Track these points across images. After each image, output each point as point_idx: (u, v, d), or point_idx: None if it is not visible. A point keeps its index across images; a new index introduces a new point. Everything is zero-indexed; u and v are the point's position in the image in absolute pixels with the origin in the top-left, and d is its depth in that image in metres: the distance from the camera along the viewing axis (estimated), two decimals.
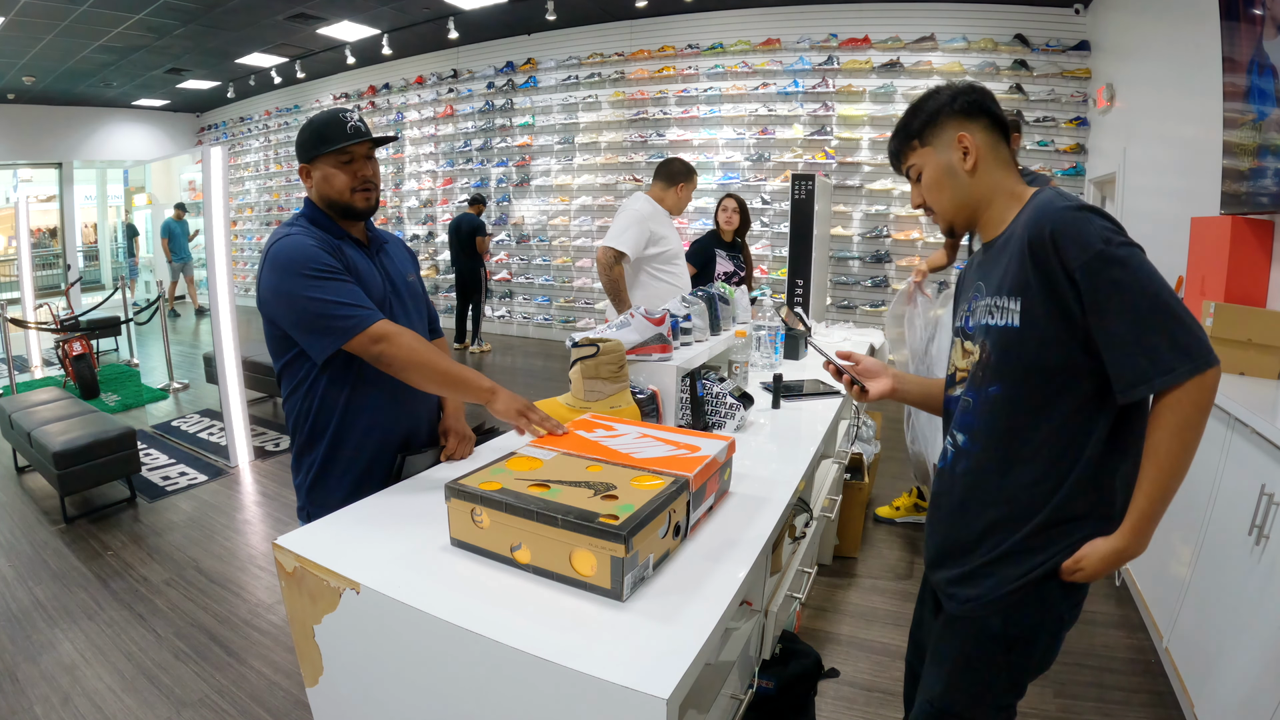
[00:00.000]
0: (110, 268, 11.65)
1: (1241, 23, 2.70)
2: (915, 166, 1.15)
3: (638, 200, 2.95)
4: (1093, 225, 0.94)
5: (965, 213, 1.13)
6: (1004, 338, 1.03)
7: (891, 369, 1.33)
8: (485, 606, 0.92)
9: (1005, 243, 1.07)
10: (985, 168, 1.10)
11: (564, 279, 7.98)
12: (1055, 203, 0.99)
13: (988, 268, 1.11)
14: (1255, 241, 2.57)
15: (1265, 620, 1.55)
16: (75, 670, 2.08)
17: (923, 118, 1.13)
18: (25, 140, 10.61)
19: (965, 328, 1.16)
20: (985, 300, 1.09)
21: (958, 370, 1.17)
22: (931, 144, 1.12)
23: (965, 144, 1.09)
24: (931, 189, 1.14)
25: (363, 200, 1.43)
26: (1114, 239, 0.94)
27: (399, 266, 1.55)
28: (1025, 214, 1.04)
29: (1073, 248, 0.94)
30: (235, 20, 6.95)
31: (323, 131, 1.39)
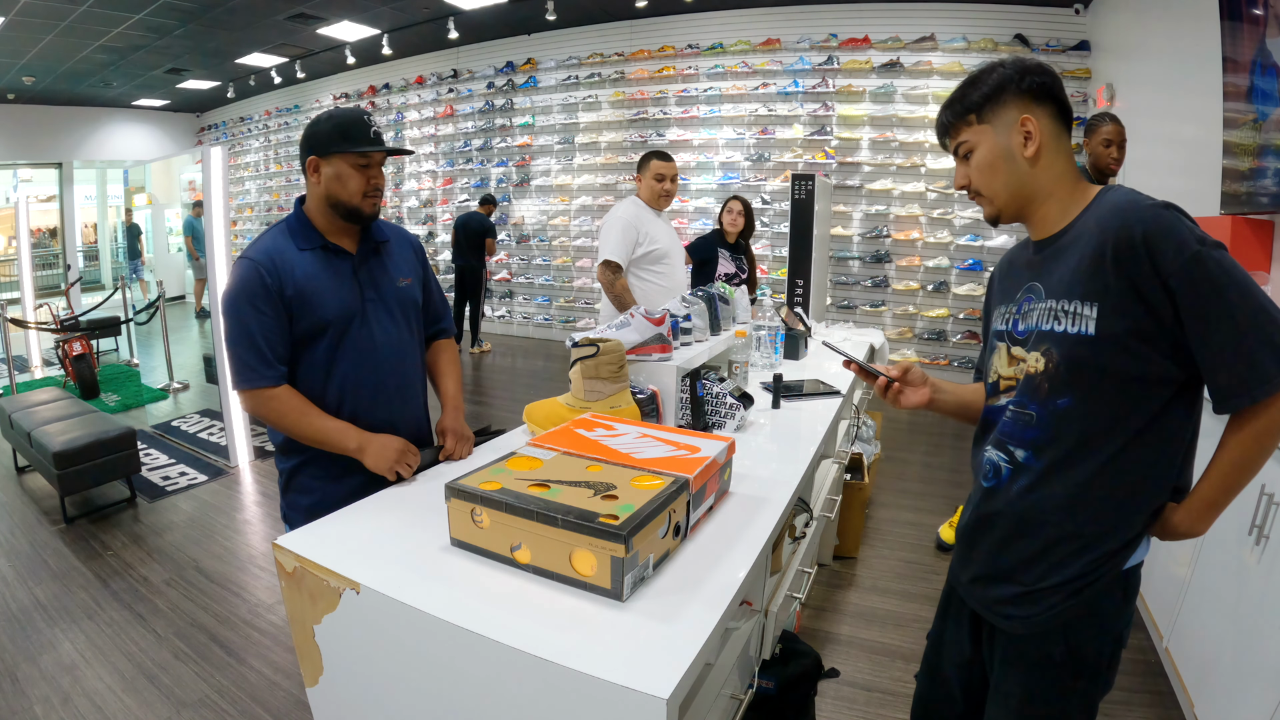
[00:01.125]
0: (110, 268, 11.64)
1: (1243, 23, 2.69)
2: (967, 144, 1.05)
3: (621, 204, 2.92)
4: (1183, 225, 0.89)
5: (1017, 203, 1.04)
6: (1076, 347, 0.95)
7: (931, 379, 1.24)
8: (485, 606, 0.92)
9: (1071, 243, 0.98)
10: (1048, 158, 1.01)
11: (564, 279, 7.98)
12: (1140, 201, 0.92)
13: (1042, 269, 1.03)
14: (1255, 241, 2.58)
15: (1265, 620, 1.55)
16: (75, 670, 2.08)
17: (984, 91, 1.02)
18: (25, 140, 10.61)
19: (1014, 332, 1.06)
20: (1044, 304, 1.00)
21: (1002, 378, 1.09)
22: (990, 122, 1.02)
23: (1029, 128, 1.00)
24: (984, 171, 1.04)
25: (370, 206, 1.43)
26: (1206, 239, 0.88)
27: (393, 272, 1.52)
28: (1099, 212, 0.96)
29: (1168, 250, 0.88)
30: (235, 20, 6.95)
31: (346, 129, 1.38)
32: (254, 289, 1.35)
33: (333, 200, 1.41)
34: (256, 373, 1.36)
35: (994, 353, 1.12)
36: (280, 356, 1.38)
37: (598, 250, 2.90)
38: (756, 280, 4.00)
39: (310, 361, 1.42)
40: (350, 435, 1.39)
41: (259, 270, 1.36)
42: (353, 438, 1.39)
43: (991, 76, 1.02)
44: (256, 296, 1.35)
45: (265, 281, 1.36)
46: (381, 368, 1.48)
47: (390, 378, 1.50)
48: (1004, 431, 1.07)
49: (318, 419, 1.39)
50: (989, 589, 1.11)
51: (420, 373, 1.62)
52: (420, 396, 1.62)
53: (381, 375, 1.48)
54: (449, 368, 1.70)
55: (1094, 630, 1.02)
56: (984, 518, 1.12)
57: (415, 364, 1.58)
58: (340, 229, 1.46)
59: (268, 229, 1.48)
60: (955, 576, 1.22)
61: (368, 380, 1.46)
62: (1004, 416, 1.07)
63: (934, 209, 6.06)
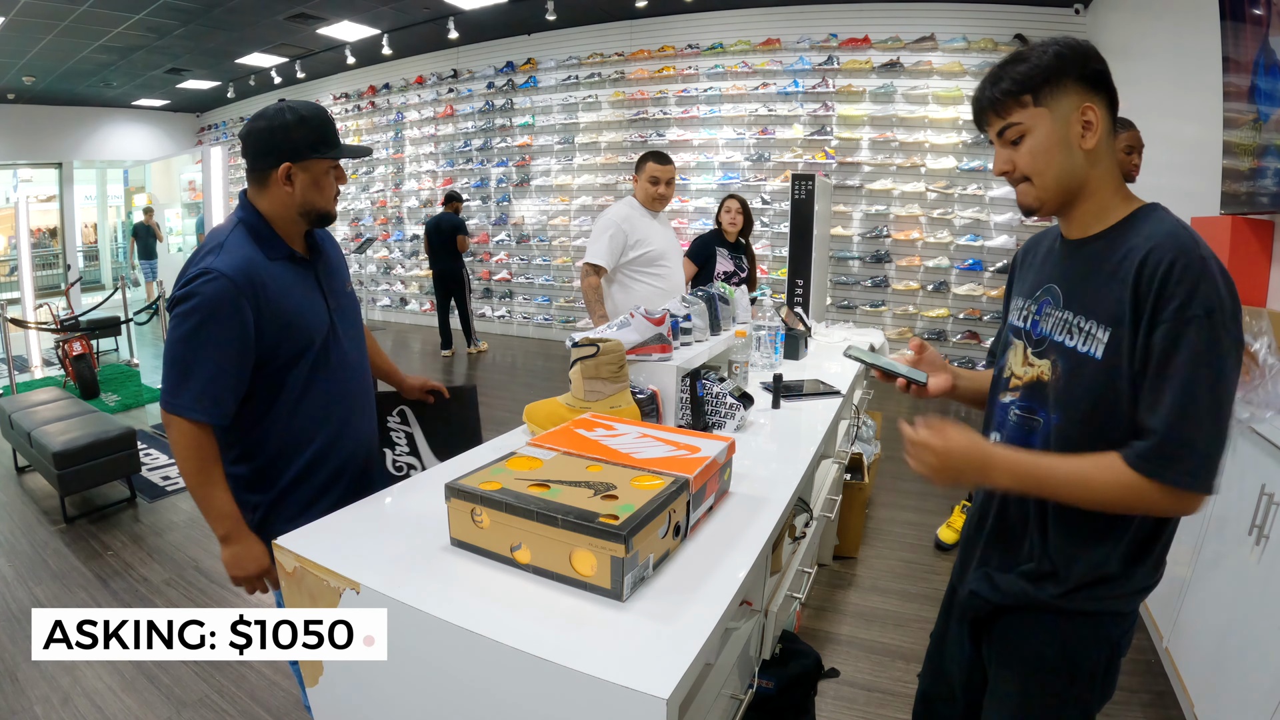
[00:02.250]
0: (110, 268, 11.65)
1: (1244, 23, 2.69)
2: (1020, 127, 0.95)
3: (616, 206, 2.90)
4: (1215, 285, 0.84)
5: (1066, 195, 0.97)
6: (1081, 366, 0.94)
7: (950, 365, 1.21)
8: (485, 606, 0.92)
9: (1100, 254, 0.94)
10: (1102, 151, 0.95)
11: (564, 279, 7.98)
12: (1183, 237, 0.87)
13: (1065, 272, 1.00)
14: (1255, 241, 2.57)
15: (1265, 620, 1.55)
16: (75, 670, 2.08)
17: (1043, 72, 0.93)
18: (25, 140, 10.61)
19: (1031, 332, 1.03)
20: (1060, 313, 0.98)
21: (1014, 376, 1.07)
22: (1048, 105, 0.93)
23: (1090, 117, 0.93)
24: (1039, 157, 0.95)
25: (335, 206, 1.38)
26: (1218, 310, 0.84)
27: (338, 277, 1.48)
28: (1144, 230, 0.91)
29: (1179, 296, 0.84)
30: (235, 20, 6.95)
31: (321, 132, 1.28)
32: (227, 315, 1.21)
33: (308, 207, 1.31)
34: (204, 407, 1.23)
35: (1010, 348, 1.09)
36: (226, 398, 1.25)
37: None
38: (756, 279, 3.99)
39: (290, 384, 1.32)
40: (226, 521, 1.28)
41: (238, 292, 1.21)
42: (227, 524, 1.28)
43: (1046, 55, 0.93)
44: (228, 324, 1.22)
45: (242, 311, 1.22)
46: (352, 380, 1.46)
47: (361, 389, 1.48)
48: (1009, 434, 1.07)
49: (217, 488, 1.27)
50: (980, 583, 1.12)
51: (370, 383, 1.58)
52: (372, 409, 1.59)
53: (354, 387, 1.46)
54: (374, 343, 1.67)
55: (1089, 637, 1.01)
56: (983, 515, 1.13)
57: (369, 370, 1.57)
58: (298, 234, 1.36)
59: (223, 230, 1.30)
60: (957, 576, 1.23)
61: (345, 394, 1.43)
62: (1009, 417, 1.07)
63: (934, 209, 6.06)
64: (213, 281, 1.20)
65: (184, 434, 1.24)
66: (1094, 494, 0.91)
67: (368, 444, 1.54)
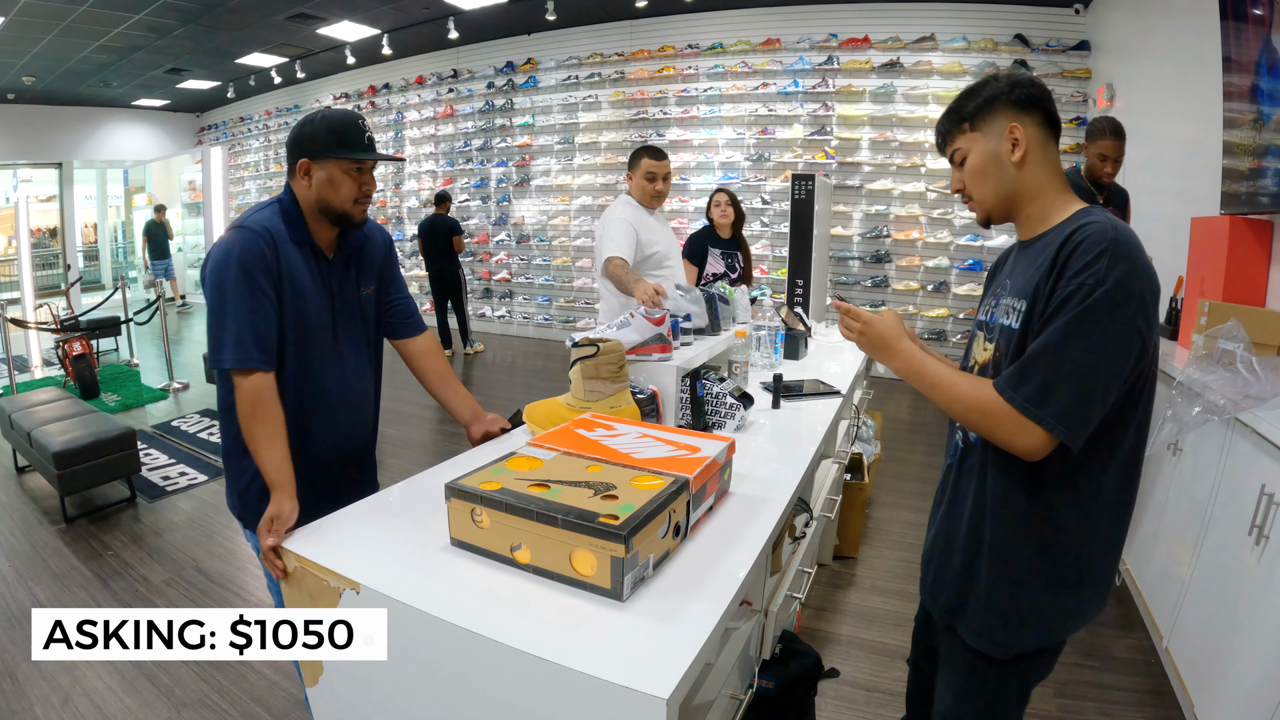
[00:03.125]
0: (110, 268, 11.64)
1: (1245, 23, 2.69)
2: (961, 150, 1.12)
3: (616, 206, 2.82)
4: (1114, 261, 0.92)
5: (1005, 205, 1.11)
6: (1010, 339, 1.04)
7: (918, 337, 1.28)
8: (485, 606, 0.92)
9: (1044, 246, 1.04)
10: (1033, 163, 1.07)
11: (564, 279, 7.98)
12: (1103, 224, 0.96)
13: (1015, 268, 1.12)
14: (1254, 241, 2.57)
15: (1265, 620, 1.55)
16: (75, 670, 2.08)
17: (977, 102, 1.09)
18: (25, 140, 10.61)
19: (988, 322, 1.15)
20: (1006, 299, 1.09)
21: (976, 364, 1.17)
22: (981, 130, 1.09)
23: (1015, 135, 1.06)
24: (974, 176, 1.11)
25: (360, 212, 1.38)
26: (1119, 288, 0.91)
27: (359, 280, 1.48)
28: (1075, 222, 1.01)
29: (1078, 266, 0.93)
30: (235, 20, 6.95)
31: (341, 133, 1.33)
32: (254, 262, 1.27)
33: (323, 205, 1.36)
34: (246, 352, 1.26)
35: (974, 340, 1.21)
36: (271, 341, 1.30)
37: (596, 253, 2.79)
38: (752, 276, 3.88)
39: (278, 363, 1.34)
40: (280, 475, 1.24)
41: (261, 243, 1.28)
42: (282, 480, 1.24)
43: (985, 89, 1.09)
44: (257, 270, 1.27)
45: (266, 256, 1.28)
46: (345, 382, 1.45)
47: (349, 394, 1.47)
48: None
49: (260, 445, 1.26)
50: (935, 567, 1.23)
51: (374, 385, 1.57)
52: (371, 411, 1.58)
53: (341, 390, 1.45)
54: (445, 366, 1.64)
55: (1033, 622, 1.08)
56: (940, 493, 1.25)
57: (370, 377, 1.55)
58: (323, 232, 1.41)
59: (260, 205, 1.39)
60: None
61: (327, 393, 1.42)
62: None
63: (934, 209, 6.06)
64: (239, 231, 1.29)
65: (243, 387, 1.27)
66: (955, 399, 1.05)
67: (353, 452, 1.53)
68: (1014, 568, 1.07)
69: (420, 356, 1.63)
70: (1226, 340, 2.05)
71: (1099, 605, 1.09)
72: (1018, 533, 1.06)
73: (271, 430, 1.28)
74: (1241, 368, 1.96)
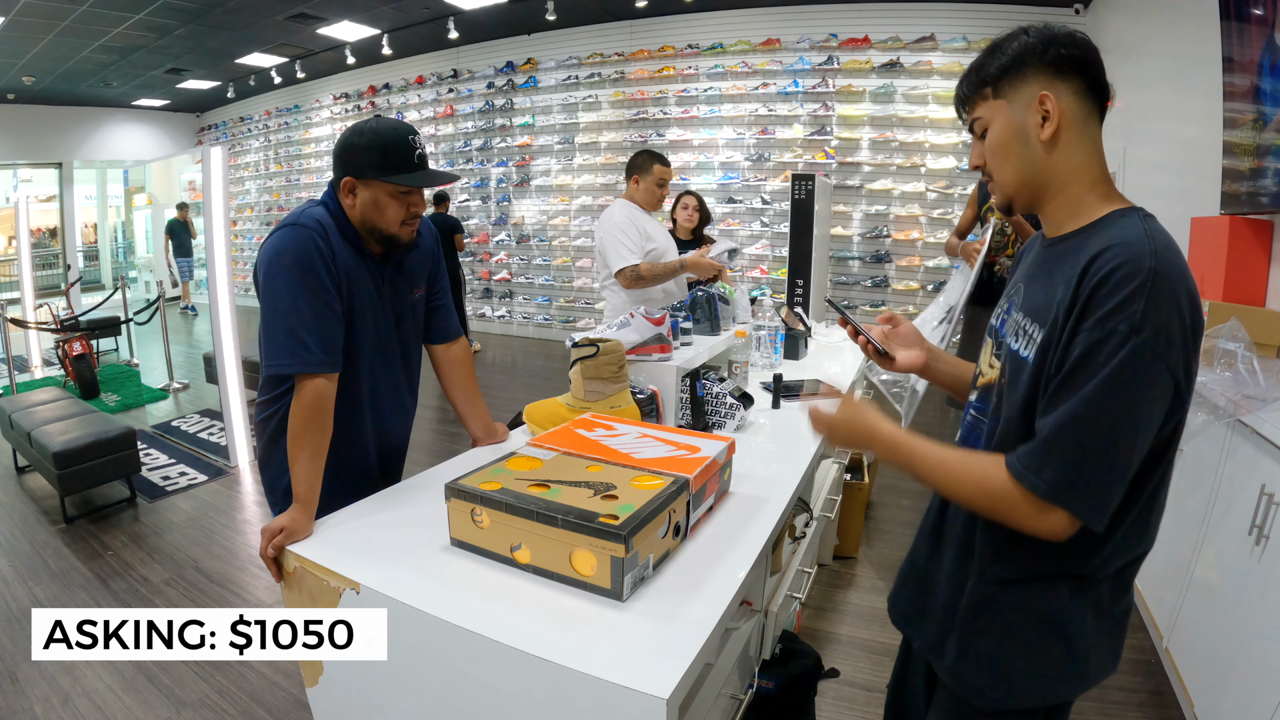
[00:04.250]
0: (110, 268, 11.64)
1: (1246, 22, 2.68)
2: (982, 120, 0.92)
3: (614, 210, 2.79)
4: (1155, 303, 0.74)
5: (1029, 191, 0.91)
6: (1019, 369, 0.87)
7: (926, 342, 1.17)
8: (485, 606, 0.92)
9: (1067, 254, 0.85)
10: (1067, 142, 0.86)
11: (564, 279, 7.98)
12: (1139, 247, 0.77)
13: (1035, 271, 0.93)
14: (1254, 241, 2.57)
15: (1265, 620, 1.55)
16: (75, 670, 2.08)
17: (1002, 61, 0.90)
18: (25, 140, 10.60)
19: (999, 332, 0.97)
20: (1016, 315, 0.92)
21: (980, 375, 1.03)
22: (1006, 97, 0.89)
23: (1047, 106, 0.86)
24: (995, 152, 0.91)
25: (409, 234, 1.31)
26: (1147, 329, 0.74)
27: (411, 281, 1.45)
28: (1107, 234, 0.81)
29: (1111, 302, 0.75)
30: (235, 20, 6.95)
31: (389, 153, 1.24)
32: (311, 257, 1.21)
33: (369, 226, 1.29)
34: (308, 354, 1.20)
35: (984, 346, 1.03)
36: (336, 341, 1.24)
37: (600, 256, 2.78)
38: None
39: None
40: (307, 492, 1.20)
41: (314, 239, 1.22)
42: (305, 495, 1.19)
43: (1012, 45, 0.89)
44: (316, 267, 1.21)
45: (323, 251, 1.22)
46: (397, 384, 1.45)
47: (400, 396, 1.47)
48: (964, 433, 1.03)
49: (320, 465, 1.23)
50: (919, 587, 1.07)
51: (415, 386, 1.57)
52: (410, 413, 1.57)
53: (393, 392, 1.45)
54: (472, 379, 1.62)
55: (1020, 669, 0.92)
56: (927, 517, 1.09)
57: (414, 381, 1.55)
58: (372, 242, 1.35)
59: (306, 204, 1.32)
60: None
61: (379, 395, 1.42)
62: (967, 417, 1.04)
63: (934, 209, 6.06)
64: (294, 233, 1.23)
65: (305, 392, 1.22)
66: (958, 483, 0.88)
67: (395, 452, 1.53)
68: (1007, 613, 0.90)
69: (451, 365, 1.61)
70: (1227, 340, 2.05)
71: (1110, 664, 0.94)
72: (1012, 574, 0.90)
73: (320, 441, 1.24)
74: (1242, 368, 1.96)
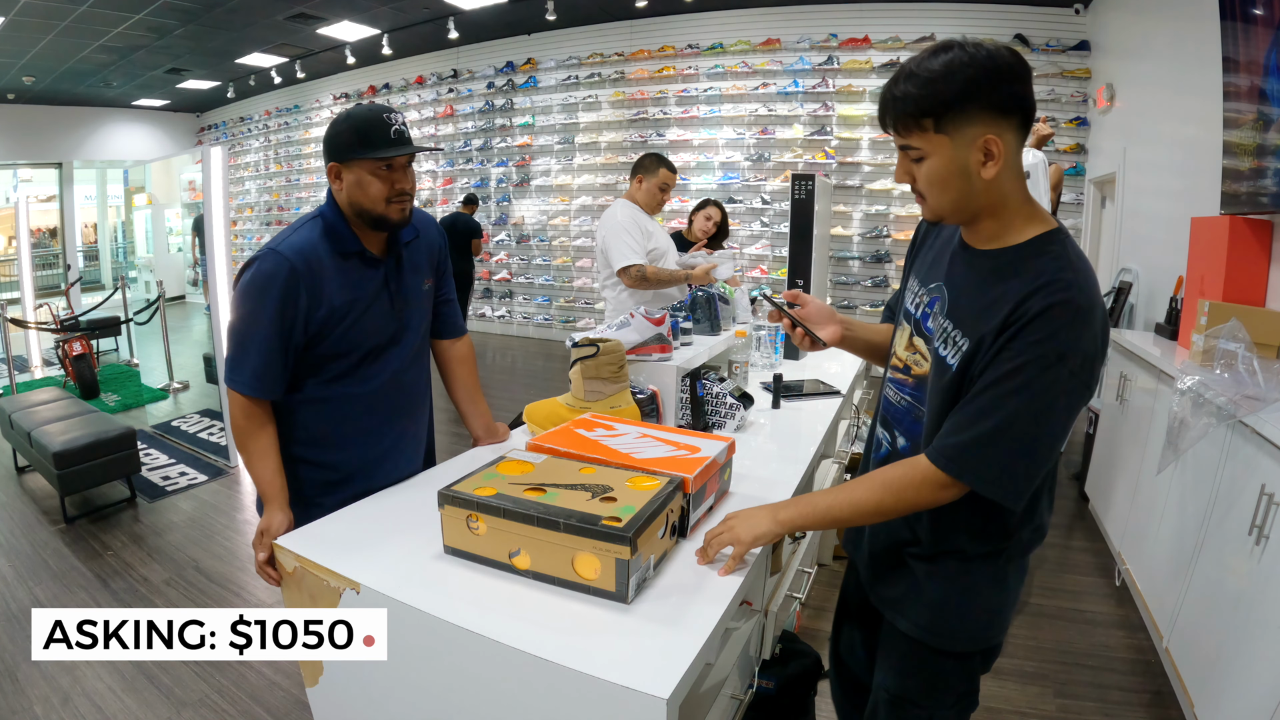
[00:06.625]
0: (110, 268, 11.63)
1: (1248, 23, 2.68)
2: (919, 151, 0.92)
3: (616, 211, 2.80)
4: (1079, 333, 0.85)
5: (963, 215, 0.97)
6: (943, 371, 0.97)
7: (838, 315, 1.25)
8: (485, 607, 0.92)
9: (996, 275, 0.93)
10: (1003, 173, 0.91)
11: (564, 279, 7.98)
12: (1069, 282, 0.86)
13: (960, 279, 0.99)
14: (1254, 241, 2.57)
15: (1265, 620, 1.55)
16: (75, 670, 2.08)
17: (946, 97, 0.87)
18: (25, 140, 10.60)
19: (923, 324, 1.04)
20: (942, 321, 0.99)
21: (897, 358, 1.11)
22: (949, 134, 0.88)
23: (992, 149, 0.88)
24: (934, 184, 0.93)
25: (397, 212, 1.31)
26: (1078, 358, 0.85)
27: (418, 276, 1.45)
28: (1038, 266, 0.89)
29: (1035, 335, 0.85)
30: (235, 20, 6.95)
31: (364, 132, 1.26)
32: (275, 288, 1.24)
33: (357, 208, 1.30)
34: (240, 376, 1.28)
35: (899, 329, 1.13)
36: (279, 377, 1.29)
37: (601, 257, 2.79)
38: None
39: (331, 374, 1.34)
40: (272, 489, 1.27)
41: (290, 268, 1.24)
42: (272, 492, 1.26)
43: (957, 77, 0.86)
44: (277, 296, 1.24)
45: (292, 282, 1.24)
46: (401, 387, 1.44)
47: (406, 397, 1.46)
48: (892, 415, 1.12)
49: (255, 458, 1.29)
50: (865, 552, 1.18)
51: (428, 382, 1.56)
52: (427, 408, 1.56)
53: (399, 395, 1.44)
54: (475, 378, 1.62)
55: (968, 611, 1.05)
56: None
57: (426, 375, 1.54)
58: (370, 233, 1.36)
59: (301, 221, 1.35)
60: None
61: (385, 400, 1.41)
62: (892, 398, 1.12)
63: None
64: (270, 259, 1.26)
65: (235, 405, 1.30)
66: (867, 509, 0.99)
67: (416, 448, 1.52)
68: (954, 570, 1.04)
69: (455, 362, 1.61)
70: (1227, 341, 2.05)
71: (1012, 611, 1.10)
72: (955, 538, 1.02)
73: (262, 444, 1.29)
74: (1242, 369, 1.95)
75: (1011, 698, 2.02)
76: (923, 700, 1.11)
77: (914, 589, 1.08)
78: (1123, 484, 2.81)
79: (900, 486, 0.96)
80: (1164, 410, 2.27)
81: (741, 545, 1.03)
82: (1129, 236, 4.41)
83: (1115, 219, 4.70)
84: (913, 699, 1.12)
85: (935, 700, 1.11)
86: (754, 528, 1.04)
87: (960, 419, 0.92)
